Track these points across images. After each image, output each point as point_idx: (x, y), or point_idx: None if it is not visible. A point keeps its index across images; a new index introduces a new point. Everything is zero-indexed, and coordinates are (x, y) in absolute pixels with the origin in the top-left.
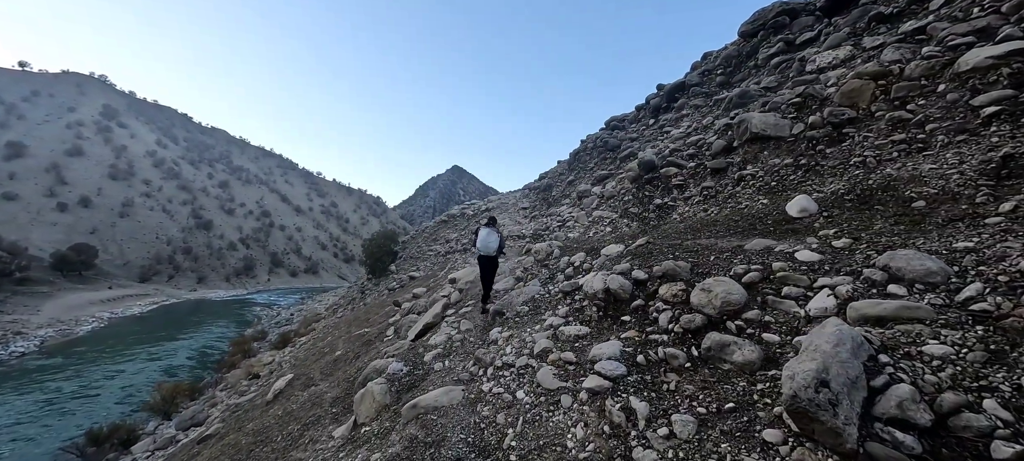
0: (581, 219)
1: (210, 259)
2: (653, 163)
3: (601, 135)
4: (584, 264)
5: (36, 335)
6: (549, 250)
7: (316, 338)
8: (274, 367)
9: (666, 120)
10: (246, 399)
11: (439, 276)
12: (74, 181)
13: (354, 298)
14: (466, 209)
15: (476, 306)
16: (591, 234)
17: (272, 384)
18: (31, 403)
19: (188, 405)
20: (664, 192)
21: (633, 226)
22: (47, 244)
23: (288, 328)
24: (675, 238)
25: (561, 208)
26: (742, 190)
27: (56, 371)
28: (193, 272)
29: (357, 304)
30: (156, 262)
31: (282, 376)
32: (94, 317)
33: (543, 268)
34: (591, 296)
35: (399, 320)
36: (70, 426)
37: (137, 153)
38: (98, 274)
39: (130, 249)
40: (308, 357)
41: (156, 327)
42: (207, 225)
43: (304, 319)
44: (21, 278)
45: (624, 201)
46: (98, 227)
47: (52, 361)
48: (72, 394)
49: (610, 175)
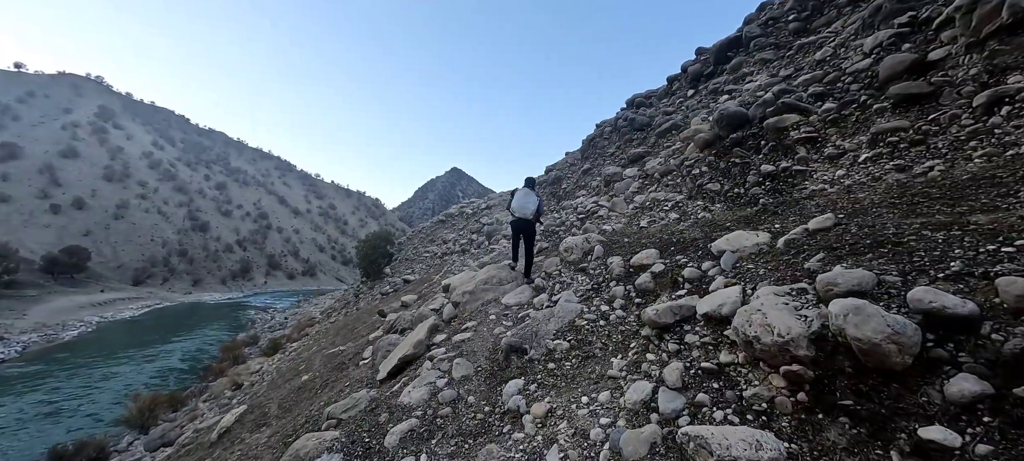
0: (618, 206)
1: (206, 262)
2: (744, 116)
3: (623, 115)
4: (670, 271)
5: (19, 340)
6: (587, 247)
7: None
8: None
9: (717, 84)
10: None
11: (434, 280)
12: (68, 183)
13: (349, 302)
14: (465, 208)
15: (479, 326)
16: (644, 225)
17: (220, 420)
18: (1, 415)
19: (169, 417)
20: (776, 154)
21: (717, 209)
22: (39, 246)
23: (281, 333)
24: (886, 216)
25: (576, 200)
26: (1007, 123)
27: (36, 379)
28: (188, 275)
29: (351, 308)
30: (151, 265)
31: (231, 411)
32: (82, 321)
33: (579, 274)
34: (769, 349)
35: (380, 338)
36: (37, 444)
37: (133, 155)
38: (90, 277)
39: (124, 252)
40: (279, 378)
41: (147, 331)
42: (203, 227)
43: (298, 323)
44: (9, 281)
45: (693, 176)
46: (92, 229)
47: (33, 368)
48: (48, 403)
49: (647, 153)
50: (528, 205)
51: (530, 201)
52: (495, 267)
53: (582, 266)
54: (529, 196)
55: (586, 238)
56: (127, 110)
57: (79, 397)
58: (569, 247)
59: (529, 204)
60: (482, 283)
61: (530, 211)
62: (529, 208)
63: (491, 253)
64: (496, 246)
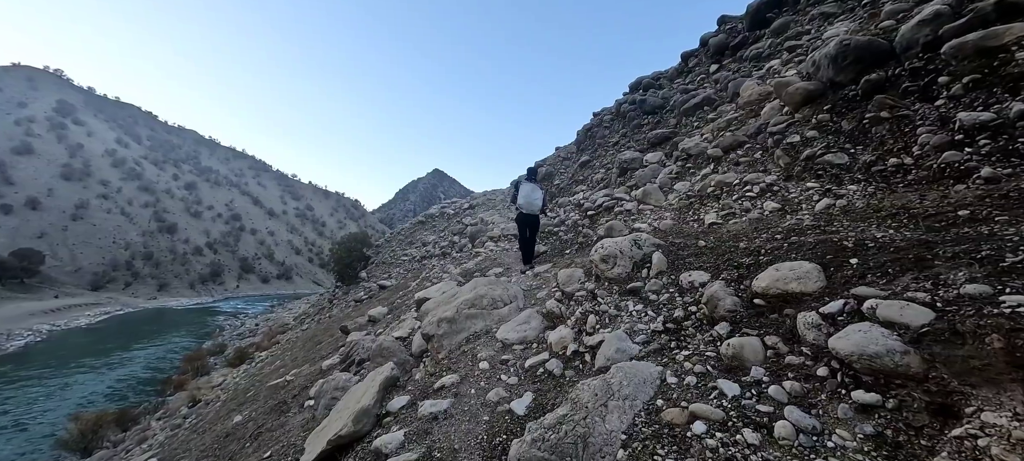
0: (652, 197)
1: (173, 265)
2: (885, 48)
3: (628, 99)
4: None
5: None
6: (638, 254)
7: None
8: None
9: (758, 50)
10: None
11: (411, 288)
12: (22, 181)
13: (323, 307)
14: (446, 208)
15: (463, 384)
16: (714, 220)
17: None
18: None
19: (116, 438)
20: (985, 91)
21: (852, 193)
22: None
23: (250, 341)
24: None
25: (575, 195)
26: None
27: None
28: (153, 279)
29: (325, 314)
30: (112, 268)
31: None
32: (31, 330)
33: (629, 299)
34: None
35: (332, 370)
36: None
37: (94, 152)
38: (44, 282)
39: (83, 255)
40: (213, 415)
41: (105, 340)
42: (171, 229)
43: (268, 330)
44: None
45: (788, 148)
46: (47, 231)
47: None
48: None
49: (671, 134)
50: (536, 199)
51: (537, 195)
52: (485, 282)
53: (633, 287)
54: (536, 190)
55: (635, 240)
56: (89, 105)
57: (17, 415)
58: (610, 254)
59: (537, 198)
60: (467, 306)
61: (538, 206)
62: (537, 203)
63: (476, 258)
64: (482, 249)
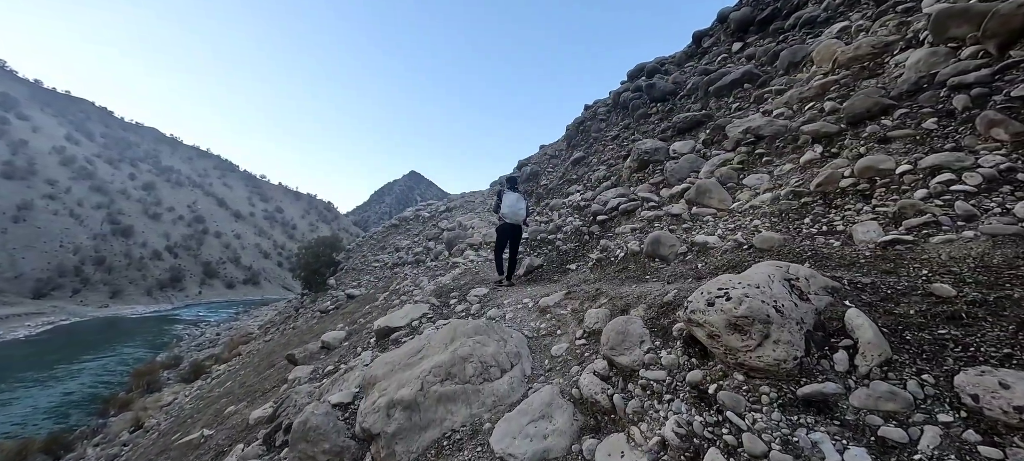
0: (711, 196)
1: (128, 270)
2: None
3: (633, 87)
4: None
5: None
6: (807, 314)
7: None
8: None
9: (808, 15)
10: None
11: (379, 301)
12: None
13: (289, 315)
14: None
15: None
16: (850, 234)
17: None
18: None
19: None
20: None
21: None
22: None
23: (210, 352)
24: None
25: (569, 197)
26: None
27: None
28: (106, 285)
29: (289, 325)
30: (57, 275)
31: None
32: None
33: (803, 416)
34: None
35: (256, 428)
36: None
37: (40, 149)
38: None
39: (24, 260)
40: (150, 444)
41: (48, 352)
42: (126, 231)
43: (231, 340)
44: None
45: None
46: None
47: None
48: None
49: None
50: (520, 209)
51: (522, 205)
52: (469, 328)
53: (811, 393)
54: (521, 200)
55: (786, 279)
56: (35, 99)
57: None
58: (746, 317)
59: (521, 208)
60: (440, 376)
61: (523, 216)
62: (522, 212)
63: (453, 271)
64: (460, 259)
